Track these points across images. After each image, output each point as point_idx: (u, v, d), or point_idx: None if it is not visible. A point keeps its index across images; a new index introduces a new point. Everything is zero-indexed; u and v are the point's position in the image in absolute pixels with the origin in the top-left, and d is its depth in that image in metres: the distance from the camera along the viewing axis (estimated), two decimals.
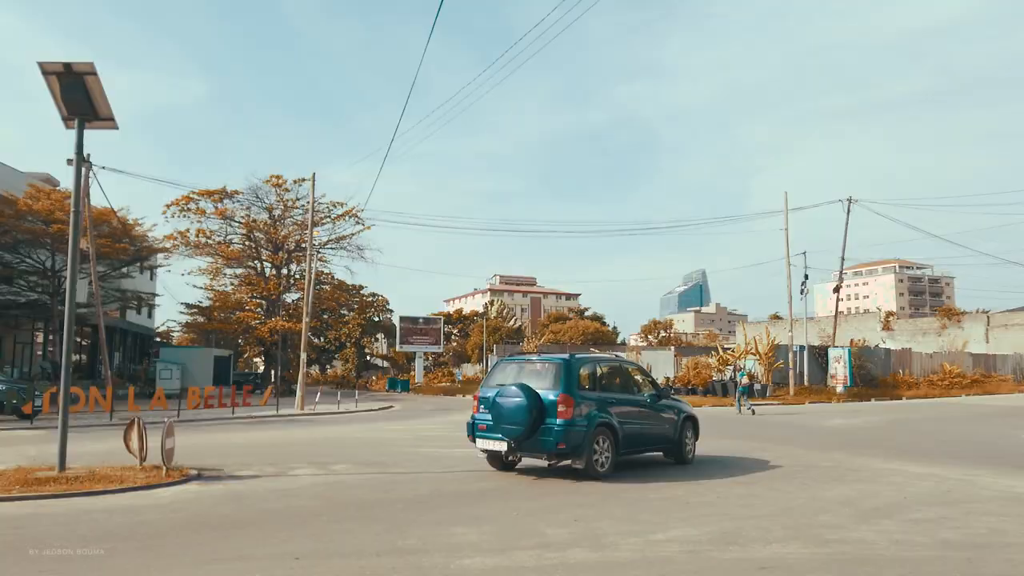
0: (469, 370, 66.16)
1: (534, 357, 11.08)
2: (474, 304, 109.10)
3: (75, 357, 27.95)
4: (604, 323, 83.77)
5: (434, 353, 68.16)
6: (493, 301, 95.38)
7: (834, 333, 41.44)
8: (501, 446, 10.11)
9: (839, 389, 34.76)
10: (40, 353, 43.15)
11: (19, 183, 36.51)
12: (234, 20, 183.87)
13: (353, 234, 47.25)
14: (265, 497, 8.71)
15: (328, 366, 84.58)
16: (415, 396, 46.23)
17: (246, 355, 70.94)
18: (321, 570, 5.48)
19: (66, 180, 41.10)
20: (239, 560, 5.83)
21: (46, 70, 9.56)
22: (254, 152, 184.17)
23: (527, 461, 11.24)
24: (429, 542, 6.35)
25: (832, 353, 36.47)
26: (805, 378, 37.43)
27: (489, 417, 10.12)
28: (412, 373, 61.61)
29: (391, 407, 30.84)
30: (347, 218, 46.22)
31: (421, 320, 61.57)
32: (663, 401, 11.70)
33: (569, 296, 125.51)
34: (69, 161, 10.31)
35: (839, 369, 35.50)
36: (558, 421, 9.64)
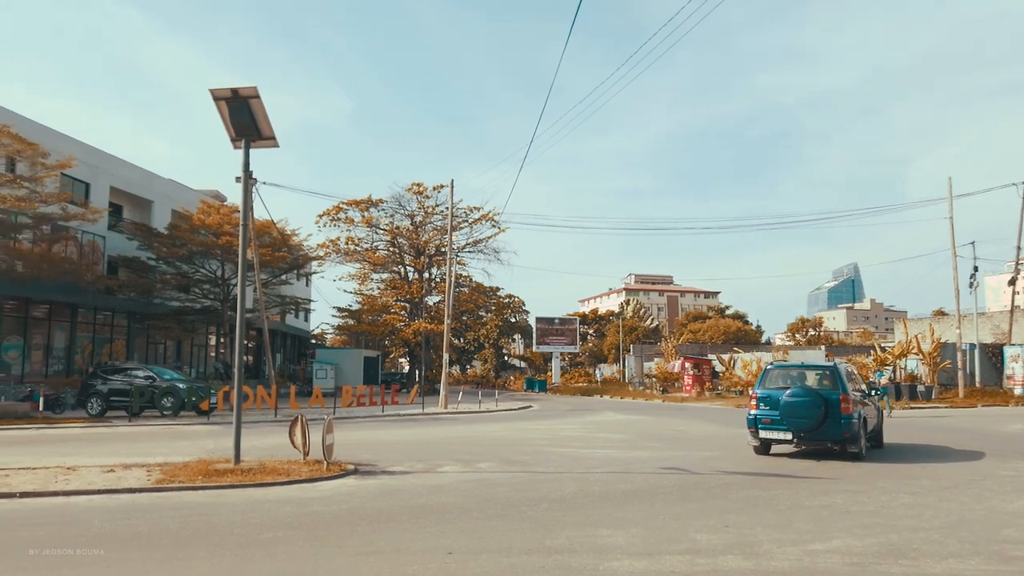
0: (607, 370, 65.76)
1: (804, 363, 13.99)
2: (609, 304, 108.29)
3: (246, 358, 30.42)
4: (747, 322, 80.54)
5: (570, 353, 68.34)
6: (629, 300, 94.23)
7: (1010, 330, 37.51)
8: (786, 436, 12.20)
9: (1017, 391, 31.44)
10: (213, 355, 47.33)
11: (193, 200, 40.30)
12: (373, 39, 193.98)
13: (490, 237, 48.34)
14: (416, 492, 9.08)
15: (468, 366, 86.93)
16: (552, 396, 46.55)
17: (392, 355, 74.34)
18: (473, 565, 5.64)
19: (232, 195, 44.90)
20: (396, 552, 6.11)
21: (216, 96, 10.47)
22: (395, 161, 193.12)
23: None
24: (576, 542, 6.37)
25: (1008, 352, 33.06)
26: (976, 379, 34.16)
27: (773, 413, 12.34)
28: (549, 373, 62.08)
29: (530, 407, 31.22)
30: (484, 222, 47.35)
31: (557, 321, 61.93)
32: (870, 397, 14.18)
33: (707, 294, 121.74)
34: (238, 179, 11.23)
35: (1017, 369, 32.11)
36: (843, 415, 11.84)
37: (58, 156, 26.62)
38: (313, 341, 66.99)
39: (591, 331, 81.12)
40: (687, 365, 41.38)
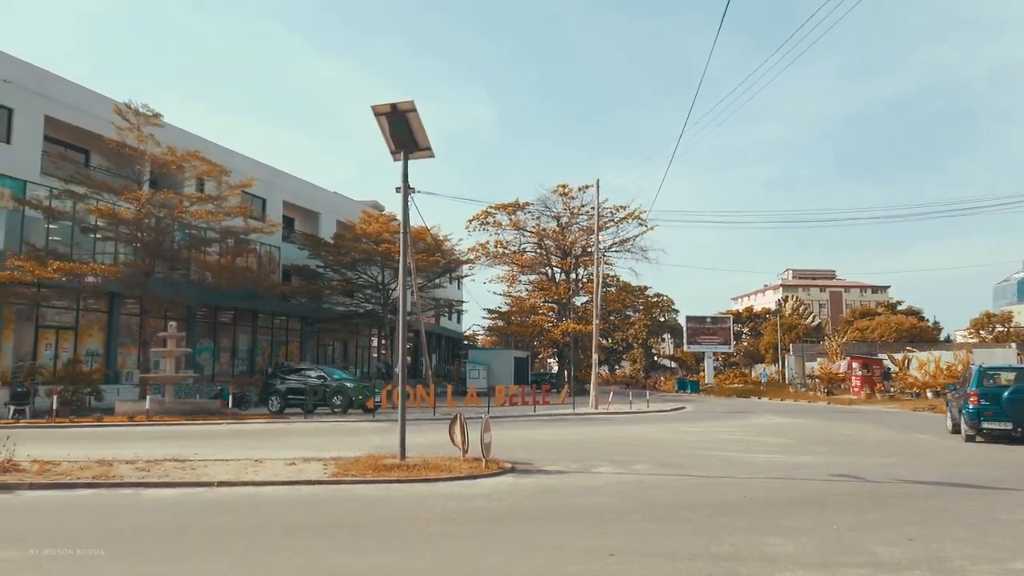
0: (761, 370, 62.86)
1: (1011, 365, 17.02)
2: (765, 301, 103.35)
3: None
4: (922, 318, 73.90)
5: (724, 353, 65.97)
6: (787, 297, 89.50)
7: None
8: (1006, 426, 14.83)
9: None
10: (375, 355, 50.09)
11: (354, 210, 42.91)
12: (516, 46, 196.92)
13: (636, 236, 47.69)
14: (574, 492, 9.14)
15: (616, 366, 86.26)
16: (706, 397, 45.14)
17: (540, 356, 75.25)
18: (636, 568, 5.59)
19: (390, 205, 47.36)
20: (557, 551, 6.18)
21: (377, 112, 11.08)
22: (540, 164, 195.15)
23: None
24: (743, 550, 6.14)
25: None
26: None
27: (995, 407, 14.90)
28: (701, 374, 60.28)
29: (683, 408, 30.47)
30: (630, 221, 46.80)
31: (709, 319, 60.02)
32: None
33: (875, 289, 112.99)
34: (397, 189, 11.82)
35: None
36: None
37: (239, 175, 29.26)
38: (465, 342, 69.23)
39: (746, 330, 77.87)
40: (855, 365, 38.68)
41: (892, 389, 37.33)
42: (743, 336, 76.79)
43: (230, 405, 24.32)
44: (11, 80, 26.07)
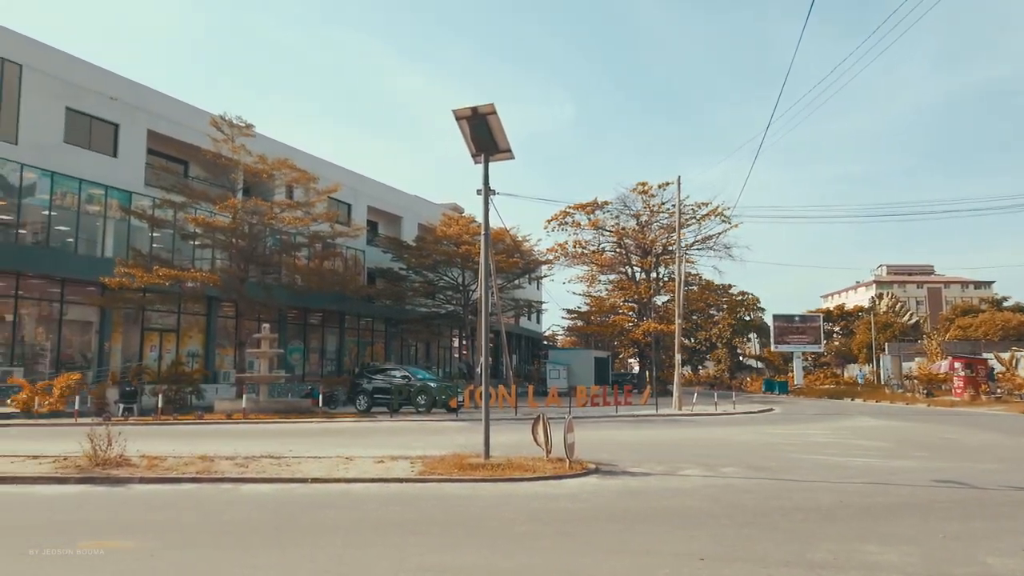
0: (856, 371, 60.25)
1: None
2: (857, 299, 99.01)
3: (480, 359, 32.43)
4: None
5: (813, 353, 63.60)
6: (881, 294, 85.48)
7: None
8: None
9: None
10: (456, 355, 50.79)
11: (435, 213, 43.67)
12: (593, 44, 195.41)
13: (719, 233, 46.60)
14: (660, 495, 9.02)
15: (700, 367, 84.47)
16: (795, 399, 43.64)
17: (621, 356, 74.50)
18: (726, 573, 5.48)
19: (469, 207, 47.95)
20: (645, 554, 6.12)
21: (458, 116, 11.25)
22: (619, 162, 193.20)
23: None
24: (841, 558, 5.92)
25: None
26: None
27: None
28: (790, 374, 58.31)
29: (771, 410, 29.57)
30: (712, 218, 45.77)
31: (797, 318, 58.01)
32: None
33: (978, 284, 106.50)
34: (478, 191, 11.97)
35: None
36: None
37: (326, 182, 30.26)
38: (545, 342, 69.29)
39: (837, 329, 74.80)
40: (957, 365, 36.58)
41: (999, 391, 35.13)
42: (834, 335, 73.80)
43: (320, 404, 25.16)
44: (117, 97, 27.80)
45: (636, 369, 65.61)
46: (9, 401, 21.89)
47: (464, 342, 48.54)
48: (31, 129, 24.91)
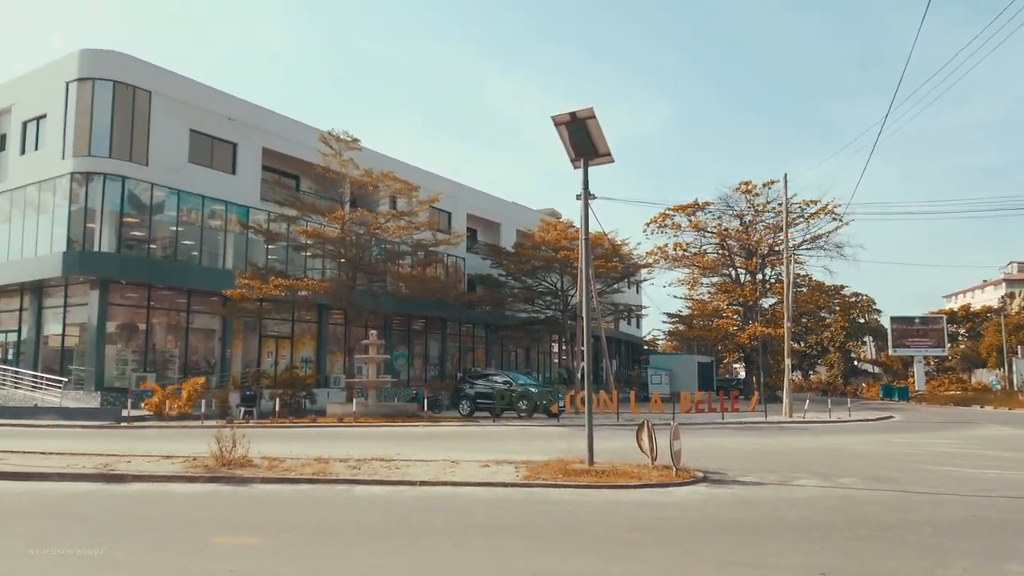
0: (986, 376, 56.03)
1: None
2: (984, 298, 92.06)
3: (581, 364, 32.31)
4: None
5: (936, 357, 59.60)
6: (1012, 293, 79.14)
7: None
8: None
9: None
10: (556, 361, 50.81)
11: (533, 219, 43.92)
12: (691, 43, 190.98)
13: (829, 232, 44.45)
14: (774, 505, 8.69)
15: (811, 372, 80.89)
16: (915, 406, 41.04)
17: (726, 361, 72.34)
18: None
19: (567, 212, 47.98)
20: (760, 567, 5.91)
21: (557, 121, 11.29)
22: (720, 162, 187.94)
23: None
24: None
25: None
26: None
27: None
28: (910, 379, 54.88)
29: (890, 417, 27.93)
30: (822, 216, 43.74)
31: (917, 320, 54.57)
32: None
33: None
34: (578, 196, 11.95)
35: None
36: None
37: (427, 191, 31.05)
38: (646, 347, 68.25)
39: (962, 331, 69.81)
40: None
41: None
42: (959, 338, 68.93)
43: (425, 408, 25.78)
44: (234, 118, 29.55)
45: (742, 374, 63.52)
46: (143, 404, 23.61)
47: (563, 347, 48.49)
48: (160, 151, 26.85)
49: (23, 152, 28.07)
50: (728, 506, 8.64)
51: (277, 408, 23.80)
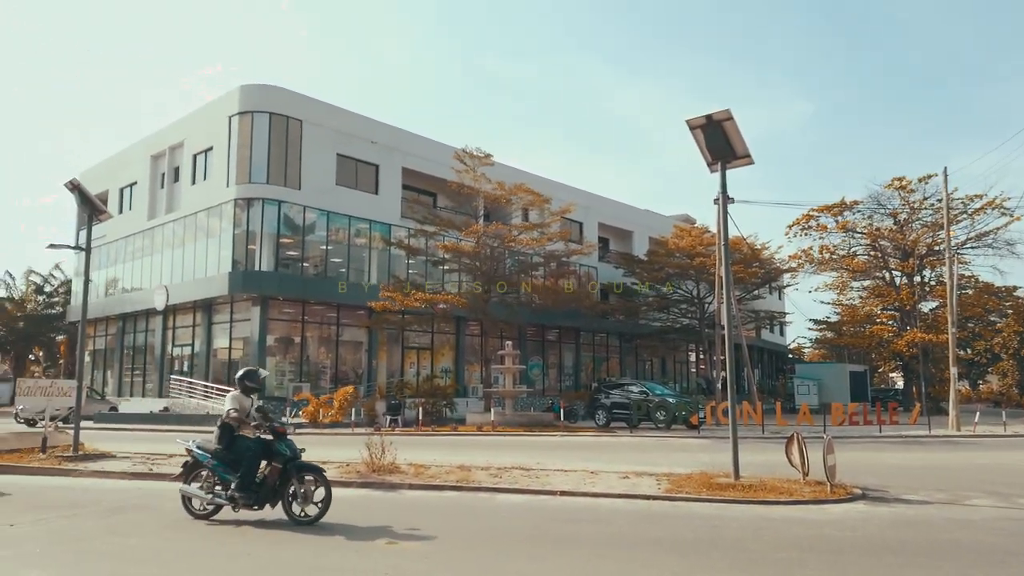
0: None
1: None
2: None
3: (722, 374, 31.23)
4: None
5: None
6: None
7: None
8: None
9: None
10: (694, 370, 49.45)
11: (666, 226, 43.13)
12: (830, 33, 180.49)
13: (998, 229, 40.47)
14: (943, 526, 8.01)
15: (979, 381, 73.81)
16: None
17: (881, 370, 67.46)
18: None
19: (701, 217, 46.75)
20: None
21: (692, 125, 11.05)
22: (866, 158, 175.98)
23: None
24: None
25: None
26: None
27: None
28: None
29: None
30: (988, 211, 39.90)
31: None
32: None
33: None
34: (715, 200, 11.63)
35: None
36: None
37: (558, 202, 31.30)
38: (790, 356, 64.97)
39: None
40: None
41: None
42: None
43: (561, 418, 25.89)
44: (376, 141, 31.18)
45: (899, 384, 58.99)
46: (300, 413, 25.29)
47: (701, 356, 47.10)
48: (310, 175, 28.80)
49: (194, 182, 31.00)
50: (891, 525, 8.05)
51: (420, 417, 24.73)
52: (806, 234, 44.78)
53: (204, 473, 8.23)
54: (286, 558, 6.62)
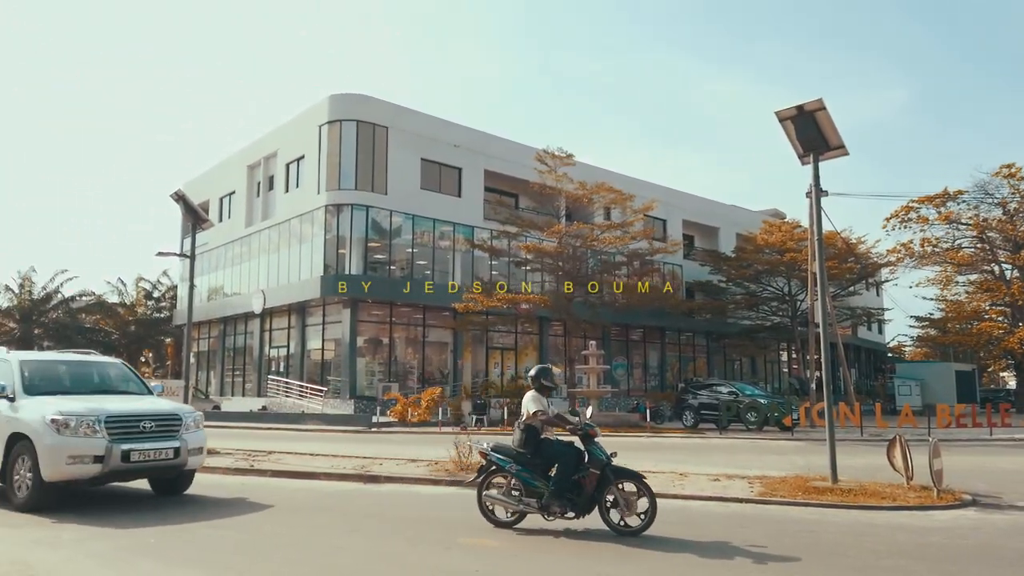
0: None
1: None
2: None
3: (816, 374, 30.09)
4: None
5: None
6: None
7: None
8: None
9: None
10: (786, 370, 47.85)
11: (754, 221, 41.91)
12: (932, 15, 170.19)
13: None
14: None
15: None
16: None
17: (991, 369, 63.38)
18: None
19: (792, 211, 45.18)
20: None
21: (781, 116, 10.71)
22: (970, 145, 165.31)
23: None
24: None
25: None
26: None
27: None
28: None
29: None
30: None
31: None
32: None
33: None
34: (807, 194, 11.23)
35: None
36: None
37: (640, 200, 30.90)
38: (890, 355, 61.95)
39: None
40: None
41: None
42: None
43: (647, 419, 25.55)
44: (459, 145, 31.67)
45: (1011, 384, 55.24)
46: (389, 412, 25.95)
47: (794, 356, 45.51)
48: (396, 180, 29.54)
49: (287, 190, 32.33)
50: (1005, 534, 7.57)
51: (505, 416, 24.92)
52: (905, 227, 42.56)
53: (503, 479, 7.74)
54: (384, 550, 6.81)
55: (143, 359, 51.89)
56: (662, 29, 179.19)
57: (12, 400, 8.86)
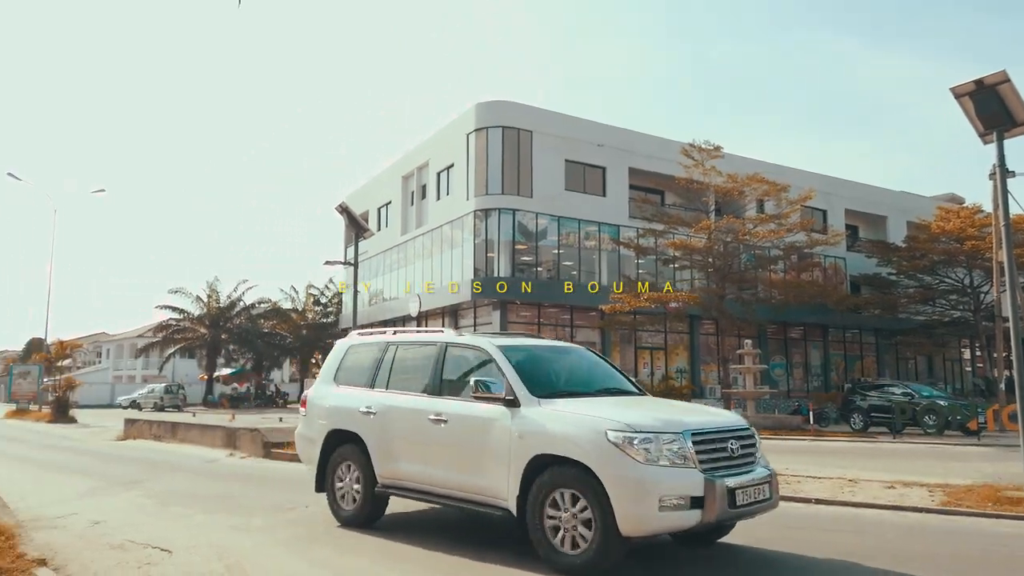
0: None
1: None
2: None
3: (1005, 373, 27.11)
4: None
5: None
6: None
7: None
8: None
9: None
10: (969, 369, 43.57)
11: (927, 208, 38.50)
12: None
13: None
14: None
15: None
16: None
17: None
18: None
19: (972, 195, 41.09)
20: None
21: (957, 93, 9.81)
22: None
23: None
24: None
25: None
26: None
27: None
28: None
29: None
30: None
31: None
32: None
33: None
34: (990, 175, 10.22)
35: None
36: None
37: (796, 190, 29.30)
38: None
39: None
40: None
41: None
42: None
43: (810, 421, 24.21)
44: (603, 144, 31.57)
45: None
46: None
47: (978, 353, 41.32)
48: (541, 183, 29.94)
49: (438, 198, 33.68)
50: None
51: None
52: None
53: None
54: None
55: (313, 360, 55.96)
56: (814, 4, 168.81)
57: (515, 405, 5.94)
